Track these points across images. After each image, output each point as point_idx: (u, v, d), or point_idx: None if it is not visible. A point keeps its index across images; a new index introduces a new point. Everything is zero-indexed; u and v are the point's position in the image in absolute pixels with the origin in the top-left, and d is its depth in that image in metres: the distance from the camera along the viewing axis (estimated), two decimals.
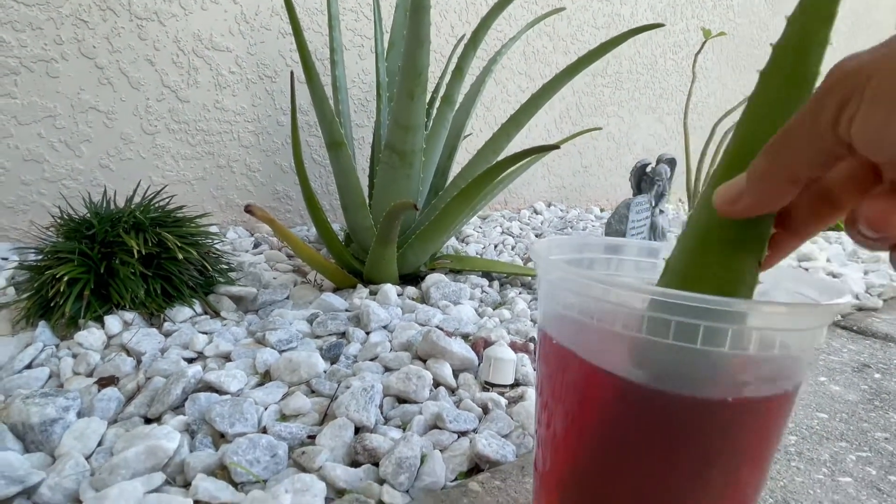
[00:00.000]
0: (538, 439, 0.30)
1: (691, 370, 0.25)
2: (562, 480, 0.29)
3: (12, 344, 0.56)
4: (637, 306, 0.24)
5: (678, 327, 0.23)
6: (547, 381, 0.29)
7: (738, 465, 0.25)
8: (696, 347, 0.23)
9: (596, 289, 0.25)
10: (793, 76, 0.23)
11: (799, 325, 0.24)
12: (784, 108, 0.23)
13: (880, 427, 0.50)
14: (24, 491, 0.36)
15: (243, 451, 0.39)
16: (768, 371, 0.25)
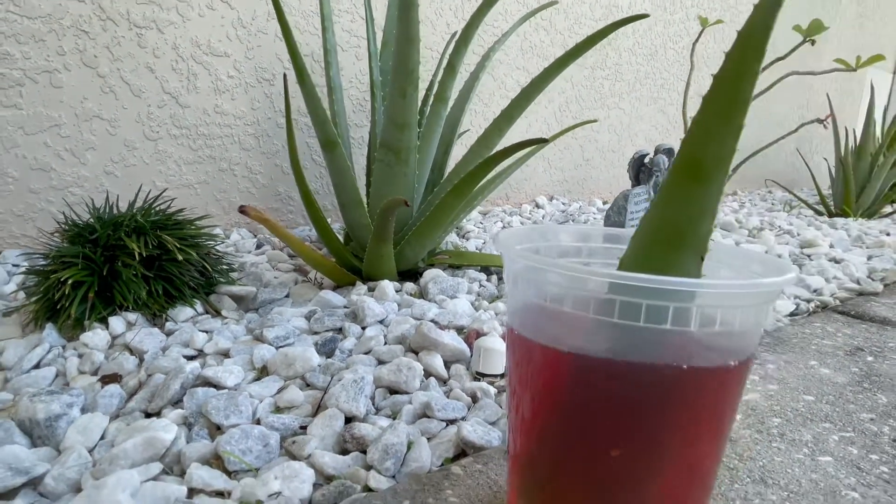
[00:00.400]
0: (509, 425, 0.32)
1: (638, 346, 0.26)
2: (527, 459, 0.30)
3: (21, 346, 0.58)
4: (590, 289, 0.26)
5: (622, 306, 0.25)
6: (514, 371, 0.30)
7: (689, 437, 0.26)
8: (640, 325, 0.25)
9: (553, 274, 0.27)
10: (729, 101, 0.26)
11: (740, 303, 0.25)
12: (722, 127, 0.26)
13: (867, 408, 0.51)
14: (30, 482, 0.38)
15: (236, 441, 0.41)
16: (712, 346, 0.26)
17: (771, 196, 2.35)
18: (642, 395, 0.26)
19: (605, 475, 0.27)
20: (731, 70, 0.26)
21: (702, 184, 0.28)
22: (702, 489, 0.29)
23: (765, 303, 0.27)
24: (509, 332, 0.31)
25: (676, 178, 0.29)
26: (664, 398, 0.26)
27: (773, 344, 0.66)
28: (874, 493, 0.38)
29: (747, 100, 0.26)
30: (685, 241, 0.29)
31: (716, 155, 0.28)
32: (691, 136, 0.28)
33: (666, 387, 0.26)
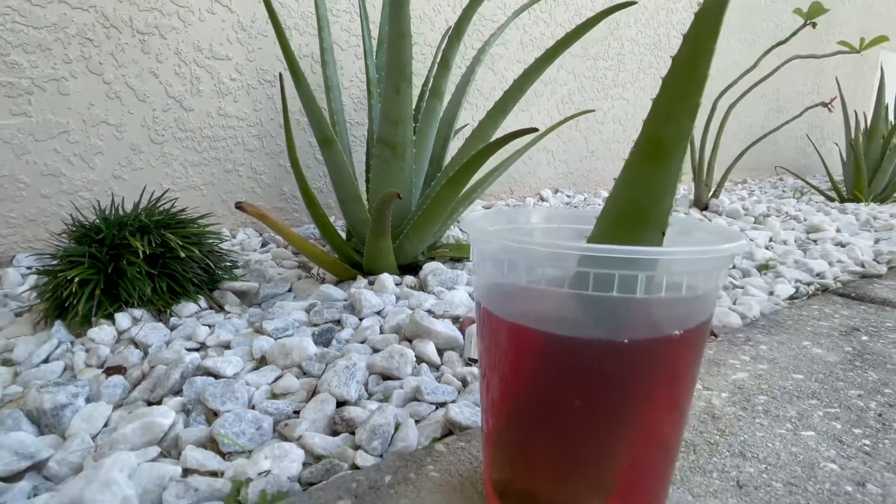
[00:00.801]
0: (482, 406, 0.33)
1: (609, 317, 0.27)
2: (498, 437, 0.31)
3: (32, 342, 0.60)
4: (561, 263, 0.27)
5: (596, 278, 0.26)
6: (485, 351, 0.31)
7: (652, 405, 0.27)
8: (613, 295, 0.26)
9: (522, 251, 0.27)
10: (686, 81, 0.26)
11: (700, 268, 0.26)
12: (679, 107, 0.27)
13: (856, 385, 0.51)
14: (35, 465, 0.40)
15: (230, 425, 0.42)
16: (677, 311, 0.27)
17: (782, 184, 2.32)
18: (608, 367, 0.27)
19: (568, 448, 0.28)
20: (687, 50, 0.27)
21: (662, 162, 0.29)
22: (665, 458, 0.29)
23: (720, 268, 0.28)
24: (478, 311, 0.32)
25: (638, 158, 0.29)
26: (630, 369, 0.27)
27: (767, 326, 0.66)
28: (853, 465, 0.39)
29: (703, 78, 0.27)
30: (647, 218, 0.30)
31: (674, 134, 0.29)
32: (651, 117, 0.29)
33: (631, 358, 0.27)
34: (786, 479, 0.37)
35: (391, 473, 0.36)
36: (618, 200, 0.31)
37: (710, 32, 0.27)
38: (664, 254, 0.26)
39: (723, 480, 0.36)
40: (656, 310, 0.27)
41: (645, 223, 0.30)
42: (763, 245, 1.12)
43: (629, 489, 0.28)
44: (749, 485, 0.36)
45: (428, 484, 0.35)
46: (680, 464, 0.38)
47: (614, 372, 0.27)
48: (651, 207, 0.29)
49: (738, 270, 0.94)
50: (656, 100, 0.29)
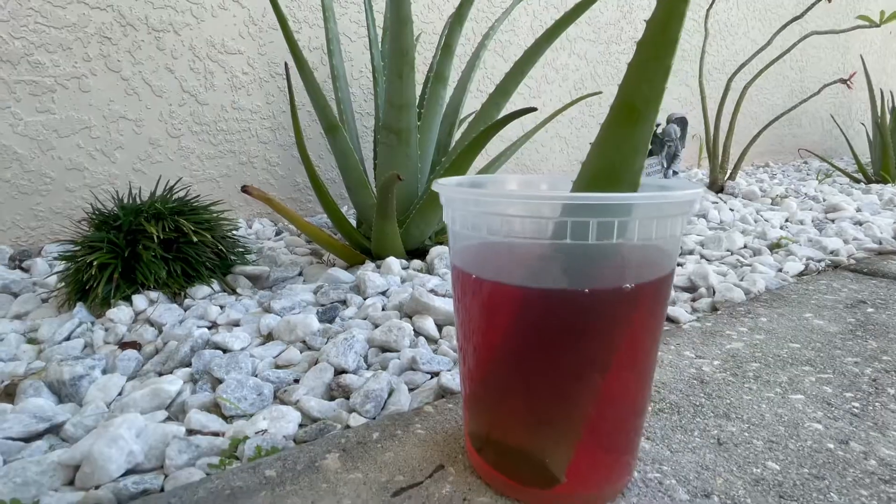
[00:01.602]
0: (460, 372, 0.34)
1: (584, 266, 0.28)
2: (473, 399, 0.32)
3: (56, 322, 0.64)
4: (544, 213, 0.28)
5: (574, 227, 0.27)
6: (461, 314, 0.32)
7: (626, 354, 0.28)
8: (589, 243, 0.27)
9: (502, 204, 0.28)
10: (659, 43, 0.27)
11: (665, 213, 0.27)
12: (655, 67, 0.28)
13: (853, 353, 0.51)
14: (53, 428, 0.42)
15: (232, 390, 0.45)
16: (648, 257, 0.28)
17: (806, 167, 2.26)
18: (572, 317, 0.28)
19: (535, 399, 0.29)
20: (660, 13, 0.28)
21: (634, 124, 0.30)
22: (631, 411, 0.30)
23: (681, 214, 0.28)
24: (454, 272, 0.33)
25: (612, 120, 0.30)
26: (593, 319, 0.28)
27: (770, 300, 0.65)
28: (839, 425, 0.39)
29: (675, 41, 0.28)
30: (621, 177, 0.31)
31: (646, 96, 0.29)
32: (625, 80, 0.30)
33: (594, 308, 0.28)
34: (767, 437, 0.37)
35: (379, 431, 0.38)
36: (593, 161, 0.32)
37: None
38: (618, 199, 0.27)
39: (703, 438, 0.37)
40: (616, 260, 0.28)
41: (618, 182, 0.31)
42: (778, 225, 1.10)
43: (594, 441, 0.29)
44: (729, 442, 0.37)
45: (413, 439, 0.36)
46: (662, 423, 0.39)
47: (577, 322, 0.28)
48: (623, 167, 0.30)
49: (749, 250, 0.93)
50: (631, 62, 0.29)
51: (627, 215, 0.27)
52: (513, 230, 0.28)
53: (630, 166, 0.30)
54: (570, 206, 0.27)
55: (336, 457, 0.35)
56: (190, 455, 0.37)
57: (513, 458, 0.31)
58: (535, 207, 0.28)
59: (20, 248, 0.93)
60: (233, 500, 0.31)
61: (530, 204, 0.28)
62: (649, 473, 0.33)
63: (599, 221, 0.27)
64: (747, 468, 0.34)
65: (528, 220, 0.28)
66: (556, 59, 1.61)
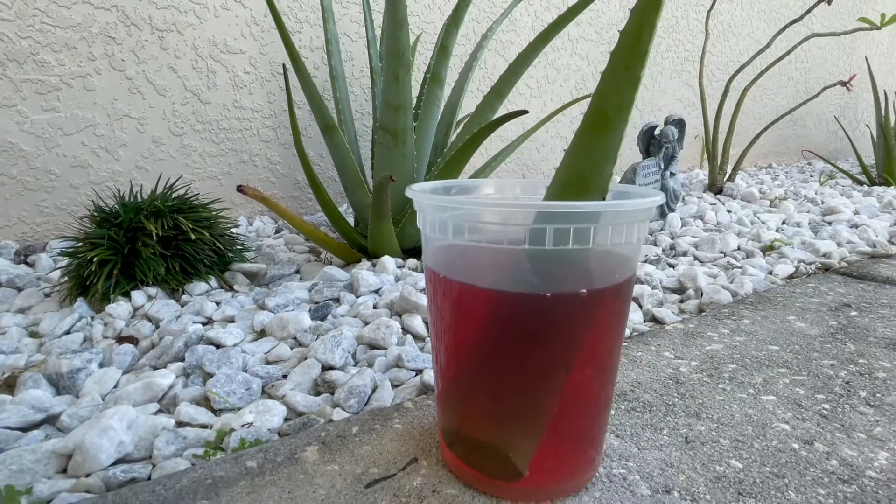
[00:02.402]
0: (434, 370, 0.35)
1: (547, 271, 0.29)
2: (445, 396, 0.34)
3: (57, 317, 0.66)
4: (508, 220, 0.29)
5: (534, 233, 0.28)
6: (434, 314, 0.34)
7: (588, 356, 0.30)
8: (550, 248, 0.28)
9: (481, 212, 0.29)
10: (631, 53, 0.29)
11: (634, 219, 0.29)
12: (626, 77, 0.29)
13: (830, 356, 0.52)
14: (49, 418, 0.44)
15: (221, 384, 0.46)
16: (609, 262, 0.29)
17: (810, 168, 2.25)
18: (537, 320, 0.29)
19: (502, 397, 0.30)
20: (632, 25, 0.29)
21: (605, 132, 0.31)
22: (594, 409, 0.31)
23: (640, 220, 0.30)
24: (428, 274, 0.34)
25: (584, 128, 0.32)
26: (555, 321, 0.29)
27: (755, 302, 0.66)
28: (806, 426, 0.40)
29: (646, 52, 0.29)
30: (591, 184, 0.32)
31: (617, 104, 0.31)
32: (598, 89, 0.31)
33: (556, 311, 0.29)
34: (734, 436, 0.38)
35: (359, 425, 0.39)
36: (565, 168, 0.33)
37: (653, 7, 0.28)
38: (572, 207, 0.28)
39: (671, 436, 0.38)
40: (579, 265, 0.29)
41: (588, 189, 0.32)
42: (774, 228, 1.11)
43: (558, 436, 0.31)
44: (696, 441, 0.38)
45: (390, 433, 0.38)
46: (633, 421, 0.40)
47: (539, 325, 0.29)
48: (593, 174, 0.32)
49: (742, 252, 0.94)
50: (604, 72, 0.31)
51: (592, 222, 0.29)
52: (478, 235, 0.30)
53: (600, 173, 0.32)
54: (536, 213, 0.28)
55: (315, 449, 0.36)
56: (177, 446, 0.39)
57: (480, 452, 0.32)
58: (499, 214, 0.29)
59: (25, 244, 0.95)
60: (214, 488, 0.32)
61: (493, 211, 0.29)
62: (614, 469, 0.35)
63: (557, 228, 0.28)
64: (711, 466, 0.35)
65: (493, 226, 0.29)
66: (558, 59, 1.62)
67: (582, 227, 0.28)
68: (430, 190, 0.36)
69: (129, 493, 0.32)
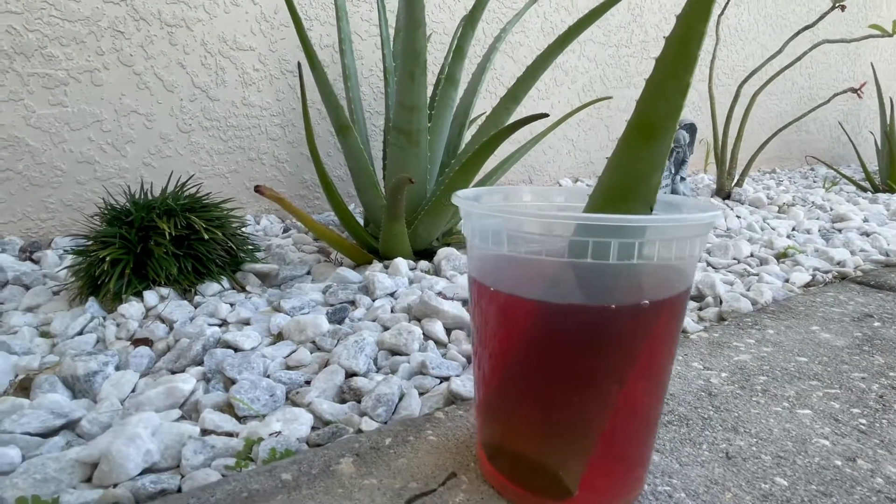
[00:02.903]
0: (474, 379, 0.34)
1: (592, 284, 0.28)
2: (487, 405, 0.33)
3: (68, 317, 0.64)
4: (551, 233, 0.28)
5: (595, 246, 0.27)
6: (477, 323, 0.33)
7: (639, 370, 0.29)
8: (591, 262, 0.27)
9: (524, 222, 0.29)
10: (678, 60, 0.28)
11: (680, 235, 0.28)
12: (673, 85, 0.28)
13: (860, 368, 0.51)
14: (69, 424, 0.43)
15: (245, 391, 0.45)
16: (656, 279, 0.28)
17: (813, 173, 2.26)
18: (590, 333, 0.28)
19: (550, 412, 0.30)
20: (680, 31, 0.28)
21: (652, 140, 0.30)
22: (644, 426, 0.31)
23: (698, 235, 0.29)
24: (472, 284, 0.33)
25: (629, 136, 0.31)
26: (610, 334, 0.28)
27: (777, 311, 0.66)
28: (846, 442, 0.39)
29: (694, 58, 0.28)
30: (637, 194, 0.31)
31: (665, 112, 0.30)
32: (643, 96, 0.30)
33: (611, 324, 0.28)
34: (775, 452, 0.38)
35: (392, 436, 0.38)
36: (609, 177, 0.32)
37: (702, 14, 0.28)
38: (641, 221, 0.27)
39: (712, 452, 0.38)
40: (637, 277, 0.28)
41: (634, 199, 0.31)
42: (785, 234, 1.10)
43: (608, 453, 0.30)
44: (738, 456, 0.37)
45: (425, 446, 0.37)
46: (671, 435, 0.39)
47: (595, 337, 0.28)
48: (640, 184, 0.31)
49: (756, 259, 0.93)
50: (649, 79, 0.30)
51: (643, 237, 0.28)
52: (522, 248, 0.29)
53: (646, 183, 0.31)
54: (589, 226, 0.27)
55: (350, 461, 0.35)
56: (205, 455, 0.38)
57: (525, 467, 0.31)
58: (554, 227, 0.28)
59: (30, 240, 0.94)
60: (250, 502, 0.31)
61: (549, 223, 0.28)
62: (659, 486, 0.34)
63: (621, 242, 0.27)
64: (756, 483, 0.34)
65: (547, 238, 0.28)
66: (566, 61, 1.61)
67: (627, 242, 0.27)
68: (474, 197, 0.35)
69: None
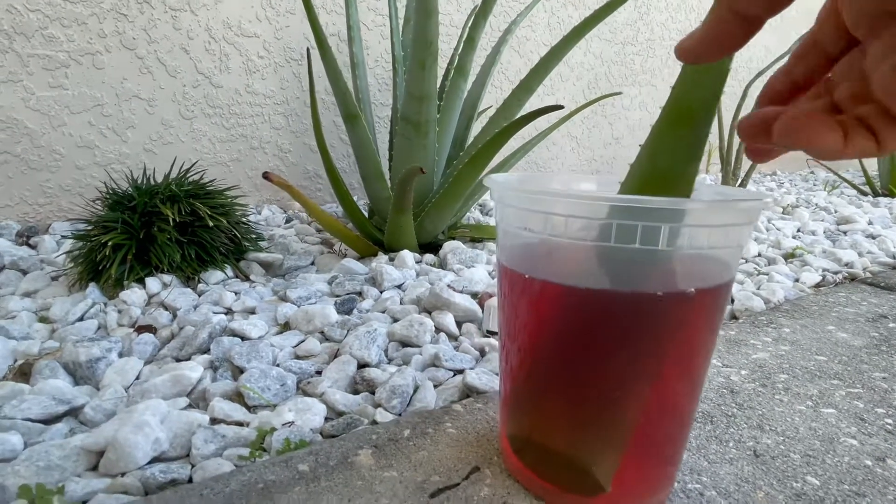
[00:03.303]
0: (500, 370, 0.33)
1: (629, 270, 0.27)
2: (514, 397, 0.31)
3: (68, 302, 0.63)
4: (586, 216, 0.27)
5: (619, 229, 0.26)
6: (506, 312, 0.31)
7: (670, 358, 0.28)
8: (635, 247, 0.26)
9: (556, 203, 0.27)
10: None
11: (721, 221, 0.26)
12: (715, 67, 0.27)
13: (880, 368, 0.50)
14: (71, 411, 0.41)
15: (256, 380, 0.44)
16: (697, 268, 0.27)
17: (813, 177, 2.26)
18: (624, 321, 0.27)
19: (582, 403, 0.28)
20: None
21: (689, 127, 0.29)
22: (678, 423, 0.30)
23: (741, 224, 0.28)
24: (502, 271, 0.32)
25: (665, 123, 0.30)
26: (646, 323, 0.27)
27: (791, 311, 0.65)
28: (874, 441, 0.38)
29: None
30: (674, 183, 0.30)
31: (703, 98, 0.29)
32: (680, 81, 0.29)
33: (647, 312, 0.27)
34: (804, 451, 0.37)
35: (410, 428, 0.37)
36: (643, 165, 0.31)
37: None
38: (684, 204, 0.26)
39: (739, 450, 0.37)
40: (676, 265, 0.27)
41: (671, 187, 0.30)
42: (790, 235, 1.10)
43: (642, 449, 0.29)
44: (766, 454, 0.36)
45: (445, 439, 0.36)
46: (696, 433, 0.38)
47: (630, 325, 0.27)
48: (677, 172, 0.29)
49: (764, 258, 0.93)
50: (686, 66, 0.29)
51: (691, 222, 0.27)
52: (558, 231, 0.27)
53: (684, 172, 0.30)
54: (627, 208, 0.26)
55: (369, 453, 0.34)
56: (216, 445, 0.36)
57: (555, 462, 0.30)
58: (598, 209, 0.27)
59: (27, 224, 0.92)
60: (267, 494, 0.30)
61: (593, 205, 0.27)
62: (689, 484, 0.33)
63: (645, 226, 0.26)
64: (787, 482, 0.33)
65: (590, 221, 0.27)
66: (571, 57, 1.60)
67: (676, 227, 0.26)
68: (506, 181, 0.34)
69: (173, 496, 0.30)
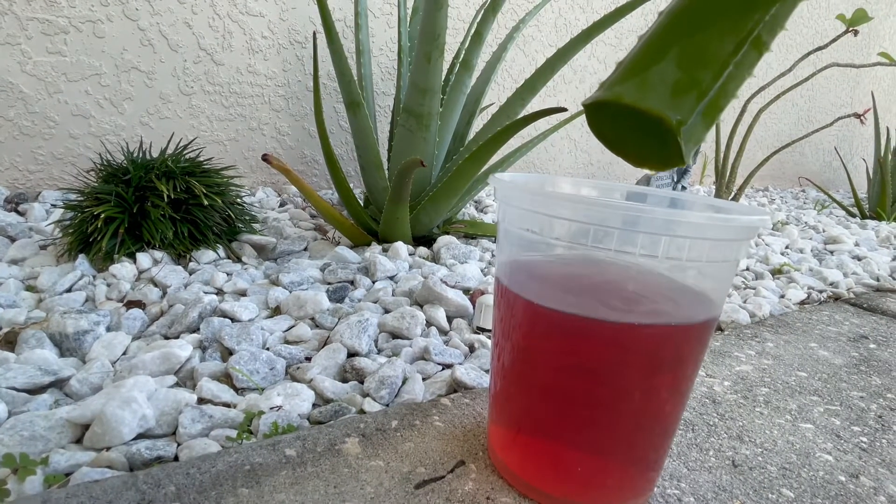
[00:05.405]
0: (491, 368, 0.33)
1: (627, 291, 0.28)
2: (504, 396, 0.32)
3: (56, 272, 0.62)
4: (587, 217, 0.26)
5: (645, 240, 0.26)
6: (499, 321, 0.32)
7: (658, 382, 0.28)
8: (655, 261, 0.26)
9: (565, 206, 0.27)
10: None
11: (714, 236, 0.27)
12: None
13: (858, 388, 0.51)
14: (57, 382, 0.41)
15: (245, 362, 0.44)
16: (689, 299, 0.28)
17: (804, 195, 2.29)
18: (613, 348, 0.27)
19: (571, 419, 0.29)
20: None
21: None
22: (663, 433, 0.30)
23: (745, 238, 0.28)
24: (497, 286, 0.32)
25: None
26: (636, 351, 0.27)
27: (775, 326, 0.66)
28: (848, 458, 0.39)
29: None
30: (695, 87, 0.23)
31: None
32: None
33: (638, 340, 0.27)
34: (780, 463, 0.38)
35: (398, 419, 0.37)
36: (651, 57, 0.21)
37: None
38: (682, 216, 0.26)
39: (718, 459, 0.37)
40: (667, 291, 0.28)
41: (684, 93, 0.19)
42: (779, 251, 1.11)
43: (626, 455, 0.29)
44: (744, 465, 0.37)
45: (432, 431, 0.36)
46: (678, 440, 0.39)
47: (619, 353, 0.27)
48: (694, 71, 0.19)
49: (751, 272, 0.94)
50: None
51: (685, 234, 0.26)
52: (557, 234, 0.27)
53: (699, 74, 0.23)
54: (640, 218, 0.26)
55: (356, 441, 0.34)
56: (203, 425, 0.36)
57: (539, 461, 0.30)
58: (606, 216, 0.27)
59: (17, 191, 0.90)
60: (253, 476, 0.30)
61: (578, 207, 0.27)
62: (668, 489, 0.33)
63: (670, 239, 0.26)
64: (763, 493, 0.34)
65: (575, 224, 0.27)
66: (576, 59, 1.60)
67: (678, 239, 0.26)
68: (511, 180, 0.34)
69: (160, 473, 0.30)
